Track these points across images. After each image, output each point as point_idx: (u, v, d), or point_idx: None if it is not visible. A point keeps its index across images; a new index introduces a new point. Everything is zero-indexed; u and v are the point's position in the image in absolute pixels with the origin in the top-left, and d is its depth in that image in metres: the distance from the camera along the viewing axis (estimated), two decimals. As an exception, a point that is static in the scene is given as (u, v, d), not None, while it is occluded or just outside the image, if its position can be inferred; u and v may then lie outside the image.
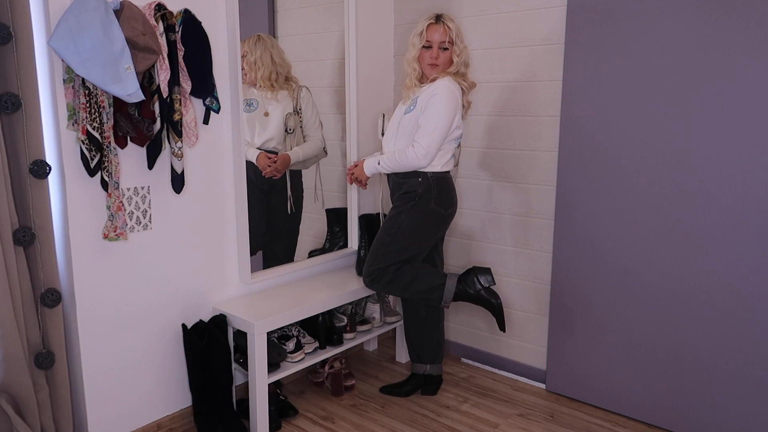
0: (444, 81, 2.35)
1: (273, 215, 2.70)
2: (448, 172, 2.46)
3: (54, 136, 1.90)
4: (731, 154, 2.13)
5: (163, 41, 1.97)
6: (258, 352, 2.27)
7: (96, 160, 1.89)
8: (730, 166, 2.14)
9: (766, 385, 2.15)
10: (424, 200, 2.40)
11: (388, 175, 2.55)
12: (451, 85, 2.34)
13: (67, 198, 1.93)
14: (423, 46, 2.38)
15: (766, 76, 2.03)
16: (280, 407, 2.50)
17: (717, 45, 2.11)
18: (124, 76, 1.79)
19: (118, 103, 1.92)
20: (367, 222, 2.90)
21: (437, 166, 2.40)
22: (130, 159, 2.08)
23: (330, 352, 2.63)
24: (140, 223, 2.14)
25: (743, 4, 2.04)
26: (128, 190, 2.09)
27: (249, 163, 2.49)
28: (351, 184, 2.72)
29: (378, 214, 2.98)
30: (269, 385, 2.38)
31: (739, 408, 2.22)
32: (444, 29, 2.35)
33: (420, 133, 2.33)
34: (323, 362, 2.76)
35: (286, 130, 2.63)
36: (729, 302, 2.19)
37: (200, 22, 2.11)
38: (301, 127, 2.69)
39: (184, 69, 2.06)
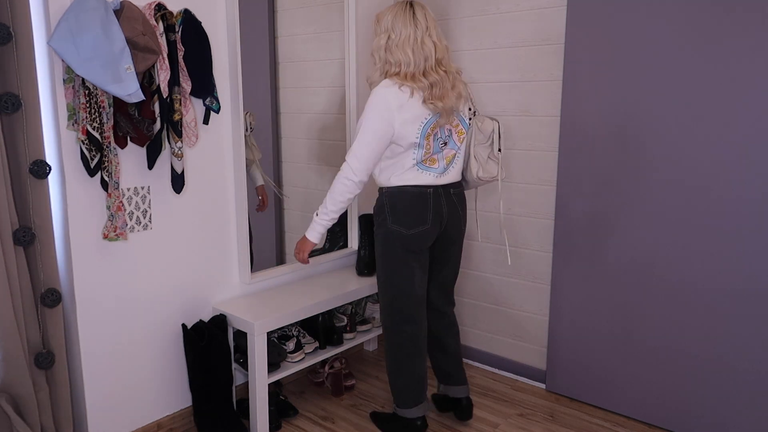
0: (379, 85, 2.08)
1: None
2: (413, 185, 2.11)
3: (54, 136, 1.90)
4: (733, 152, 2.13)
5: (163, 41, 1.97)
6: (258, 352, 2.27)
7: (96, 160, 1.89)
8: (732, 165, 2.13)
9: (767, 384, 2.15)
10: (382, 221, 2.16)
11: None
12: (381, 88, 2.05)
13: (67, 198, 1.93)
14: None
15: None
16: (280, 407, 2.51)
17: (718, 44, 2.11)
18: (124, 76, 1.79)
19: (118, 103, 1.92)
20: (367, 222, 2.90)
21: (393, 180, 2.11)
22: (130, 159, 2.08)
23: (330, 352, 2.63)
24: (140, 223, 2.14)
25: (744, 3, 2.04)
26: (128, 190, 2.09)
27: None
28: (303, 262, 2.31)
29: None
30: (269, 385, 2.38)
31: (739, 408, 2.22)
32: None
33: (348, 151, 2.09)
34: (323, 362, 2.76)
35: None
36: (730, 302, 2.19)
37: (200, 22, 2.11)
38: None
39: (184, 69, 2.06)
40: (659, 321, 2.36)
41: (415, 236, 2.14)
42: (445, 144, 2.14)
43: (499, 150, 2.18)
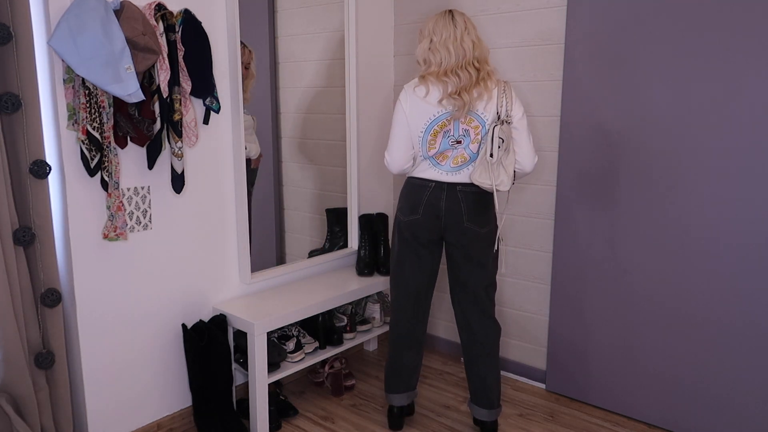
0: None
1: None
2: (418, 177, 2.20)
3: (54, 136, 1.90)
4: (734, 155, 2.13)
5: (163, 41, 1.97)
6: (258, 352, 2.27)
7: (96, 160, 1.89)
8: (733, 168, 2.13)
9: (766, 385, 2.15)
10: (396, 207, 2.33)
11: None
12: (402, 91, 2.17)
13: (67, 198, 1.93)
14: None
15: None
16: (280, 407, 2.50)
17: (718, 45, 2.11)
18: (124, 76, 1.79)
19: (118, 103, 1.92)
20: (367, 222, 2.90)
21: (411, 172, 2.25)
22: (130, 159, 2.08)
23: (330, 352, 2.63)
24: (140, 223, 2.14)
25: (744, 3, 2.04)
26: (128, 190, 2.09)
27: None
28: None
29: (378, 213, 2.98)
30: (269, 385, 2.38)
31: (739, 408, 2.22)
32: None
33: None
34: (323, 362, 2.76)
35: None
36: (729, 303, 2.19)
37: (200, 22, 2.11)
38: None
39: (184, 69, 2.06)
40: (659, 321, 2.36)
41: (408, 224, 2.23)
42: (459, 143, 2.14)
43: (491, 155, 2.07)
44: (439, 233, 2.22)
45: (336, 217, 2.94)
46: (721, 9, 2.08)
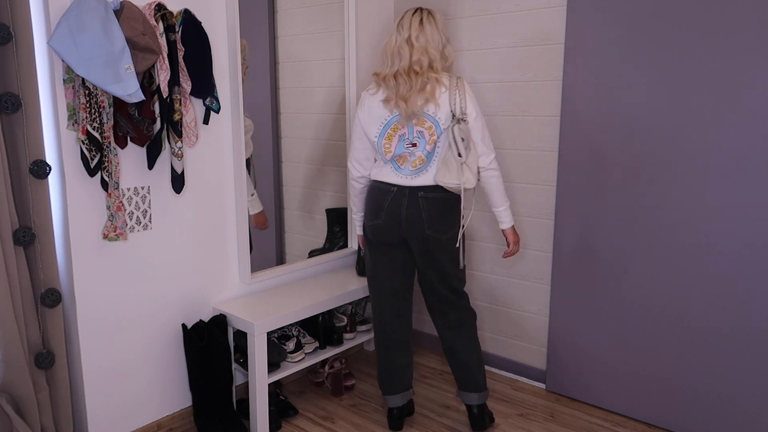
0: None
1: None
2: (380, 181, 2.21)
3: (54, 136, 1.90)
4: (735, 154, 2.13)
5: (163, 41, 1.97)
6: (258, 352, 2.27)
7: (96, 160, 1.89)
8: (734, 167, 2.13)
9: (766, 385, 2.15)
10: None
11: None
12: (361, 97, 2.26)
13: (67, 198, 1.93)
14: None
15: None
16: (280, 407, 2.51)
17: (718, 45, 2.11)
18: (124, 76, 1.79)
19: (118, 103, 1.92)
20: (367, 222, 2.90)
21: (372, 175, 2.27)
22: (130, 159, 2.08)
23: (330, 352, 2.63)
24: (140, 223, 2.14)
25: (744, 3, 2.04)
26: (128, 190, 2.09)
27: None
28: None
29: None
30: (269, 385, 2.38)
31: (738, 408, 2.22)
32: None
33: None
34: (323, 362, 2.76)
35: None
36: (729, 303, 2.19)
37: (200, 22, 2.11)
38: None
39: (184, 69, 2.06)
40: (659, 320, 2.36)
41: (371, 228, 2.27)
42: (414, 145, 2.14)
43: (459, 155, 2.06)
44: (402, 236, 2.23)
45: (336, 217, 2.94)
46: (720, 9, 2.08)
